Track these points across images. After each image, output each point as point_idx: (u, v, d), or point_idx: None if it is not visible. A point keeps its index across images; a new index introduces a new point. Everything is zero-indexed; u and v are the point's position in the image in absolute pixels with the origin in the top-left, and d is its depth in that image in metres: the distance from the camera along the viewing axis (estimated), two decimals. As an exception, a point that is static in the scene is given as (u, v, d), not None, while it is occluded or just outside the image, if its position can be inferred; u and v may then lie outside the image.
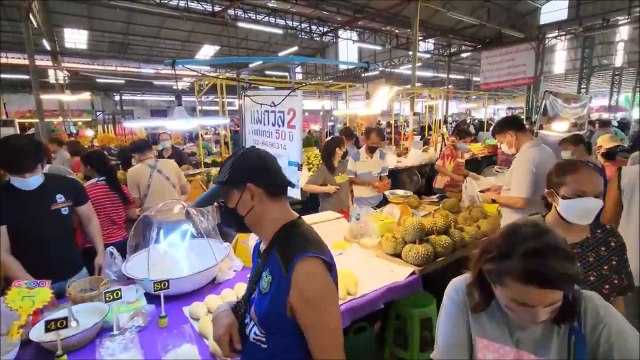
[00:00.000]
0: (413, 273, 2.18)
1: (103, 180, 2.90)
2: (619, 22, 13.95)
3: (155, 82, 19.48)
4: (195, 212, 2.34)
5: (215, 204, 4.54)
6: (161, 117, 23.27)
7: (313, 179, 3.60)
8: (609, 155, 3.57)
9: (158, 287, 1.68)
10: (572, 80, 19.15)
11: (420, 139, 9.56)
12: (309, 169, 5.49)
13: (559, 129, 4.92)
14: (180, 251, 2.17)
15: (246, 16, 12.20)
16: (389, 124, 10.87)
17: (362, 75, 19.58)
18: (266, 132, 2.61)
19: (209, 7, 10.90)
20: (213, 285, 2.07)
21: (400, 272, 2.17)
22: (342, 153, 3.53)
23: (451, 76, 19.71)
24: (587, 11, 15.18)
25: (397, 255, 2.37)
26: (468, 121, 16.92)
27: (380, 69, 19.49)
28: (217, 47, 17.45)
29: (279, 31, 13.92)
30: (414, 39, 10.07)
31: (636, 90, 19.49)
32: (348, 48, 18.85)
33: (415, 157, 6.74)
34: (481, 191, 3.05)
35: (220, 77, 4.95)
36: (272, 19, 12.75)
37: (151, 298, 1.78)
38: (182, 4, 10.70)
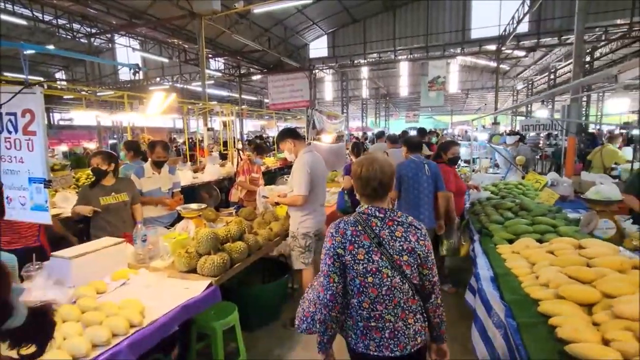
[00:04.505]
0: (210, 285, 2.08)
1: None
2: (360, 63, 18.74)
3: None
4: None
5: None
6: None
7: (77, 201, 2.93)
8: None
9: None
10: (338, 106, 24.06)
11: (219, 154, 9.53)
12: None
13: (326, 140, 6.14)
14: None
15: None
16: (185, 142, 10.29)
17: (150, 88, 17.89)
18: (-10, 141, 1.88)
19: None
20: None
21: (196, 287, 2.02)
22: (110, 169, 2.95)
23: (244, 96, 20.90)
24: (340, 52, 19.58)
25: (193, 270, 2.20)
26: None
27: (170, 83, 18.41)
28: None
29: (22, 22, 10.77)
30: (201, 54, 10.03)
31: (377, 115, 27.36)
32: (129, 56, 16.75)
33: (212, 172, 6.64)
34: (264, 197, 3.32)
35: None
36: (7, 5, 9.73)
37: None
38: None
